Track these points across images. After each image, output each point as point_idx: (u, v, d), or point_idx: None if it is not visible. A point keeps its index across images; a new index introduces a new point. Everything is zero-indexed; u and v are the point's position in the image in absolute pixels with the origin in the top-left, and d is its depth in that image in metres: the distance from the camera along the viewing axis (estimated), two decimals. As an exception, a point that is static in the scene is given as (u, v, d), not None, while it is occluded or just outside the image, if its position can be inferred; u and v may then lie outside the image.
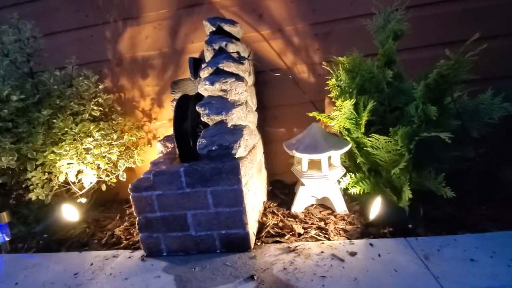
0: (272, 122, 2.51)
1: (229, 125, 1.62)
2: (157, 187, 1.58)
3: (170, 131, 2.62)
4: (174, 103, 2.31)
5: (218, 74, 1.63)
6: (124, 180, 2.26)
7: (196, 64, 2.11)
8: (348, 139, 1.96)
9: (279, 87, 2.43)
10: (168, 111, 2.63)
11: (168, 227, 1.62)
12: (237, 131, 1.59)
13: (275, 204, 2.17)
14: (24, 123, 1.81)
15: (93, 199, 2.46)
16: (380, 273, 1.28)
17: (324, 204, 2.11)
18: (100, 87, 2.29)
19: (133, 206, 1.64)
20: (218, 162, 1.51)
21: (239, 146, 1.52)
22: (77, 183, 2.16)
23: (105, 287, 1.46)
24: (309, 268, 1.37)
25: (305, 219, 1.92)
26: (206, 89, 1.63)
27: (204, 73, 1.67)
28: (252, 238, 1.60)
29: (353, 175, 1.98)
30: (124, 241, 1.96)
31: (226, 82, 1.59)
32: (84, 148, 2.00)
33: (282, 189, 2.43)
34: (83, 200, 2.15)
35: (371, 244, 1.50)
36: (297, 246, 1.57)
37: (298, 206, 2.06)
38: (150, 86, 2.63)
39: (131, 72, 2.62)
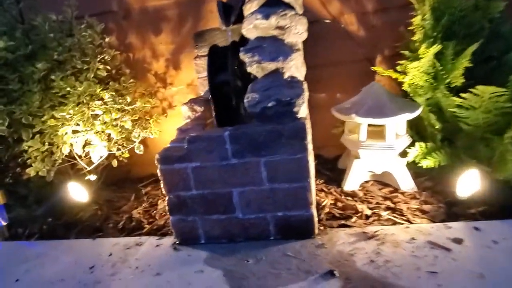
0: (313, 86, 2.11)
1: (285, 75, 1.23)
2: (193, 157, 1.21)
3: (189, 98, 2.23)
4: (198, 61, 1.90)
5: (272, 6, 1.22)
6: (141, 153, 1.89)
7: (226, 10, 1.69)
8: (420, 100, 1.58)
9: (323, 42, 2.01)
10: (186, 74, 2.21)
11: (208, 208, 1.27)
12: (296, 84, 1.21)
13: (321, 181, 1.82)
14: (15, 80, 1.41)
15: (103, 177, 2.09)
16: (509, 266, 0.95)
17: (380, 181, 1.76)
18: (107, 39, 1.87)
19: (162, 182, 1.27)
20: (276, 124, 1.13)
21: (302, 103, 1.14)
22: (84, 157, 1.79)
23: (133, 286, 1.13)
24: (405, 260, 1.03)
25: (366, 198, 1.58)
26: (256, 26, 1.22)
27: (252, 5, 1.26)
28: (315, 221, 1.26)
29: (423, 145, 1.62)
30: (146, 225, 1.62)
31: (285, 15, 1.18)
32: (91, 115, 1.61)
33: (324, 164, 2.08)
34: (92, 177, 1.78)
35: (476, 228, 1.16)
36: (376, 232, 1.23)
37: (352, 183, 1.71)
38: (164, 44, 2.19)
39: (141, 26, 2.17)
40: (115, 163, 1.93)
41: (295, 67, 1.21)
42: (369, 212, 1.43)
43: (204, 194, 1.25)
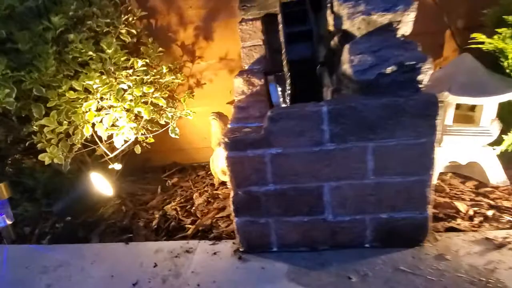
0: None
1: (399, 34, 0.92)
2: (274, 141, 0.90)
3: (224, 77, 1.90)
4: (244, 26, 1.56)
5: None
6: (177, 136, 1.56)
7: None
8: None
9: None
10: (219, 45, 1.86)
11: (287, 207, 0.98)
12: (411, 45, 0.90)
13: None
14: (24, 37, 1.05)
15: (122, 166, 1.76)
16: None
17: (457, 173, 1.50)
18: (131, -2, 1.51)
19: (229, 173, 0.97)
20: (395, 96, 0.84)
21: (428, 69, 0.84)
22: (105, 142, 1.46)
23: (201, 313, 0.84)
24: None
25: (456, 194, 1.32)
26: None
27: None
28: (429, 226, 0.98)
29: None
30: (188, 225, 1.31)
31: None
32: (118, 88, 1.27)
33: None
34: (117, 166, 1.46)
35: None
36: (506, 238, 0.96)
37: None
38: (194, 9, 1.84)
39: (167, -14, 1.81)
40: (138, 149, 1.61)
41: (411, 23, 0.91)
42: (471, 212, 1.16)
43: (284, 190, 0.95)
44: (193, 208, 1.46)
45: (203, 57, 1.91)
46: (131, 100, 1.31)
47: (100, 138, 1.41)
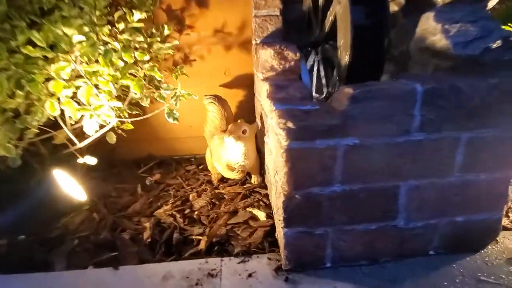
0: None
1: (488, 5, 0.77)
2: (353, 128, 0.68)
3: (218, 53, 1.58)
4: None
5: None
6: (176, 122, 1.21)
7: None
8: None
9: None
10: (215, 14, 1.54)
11: (354, 213, 0.77)
12: (496, 21, 0.77)
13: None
14: None
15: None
16: None
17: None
18: None
19: (286, 170, 0.71)
20: (502, 77, 0.69)
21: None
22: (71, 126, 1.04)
23: None
24: None
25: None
26: None
27: None
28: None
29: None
30: (196, 236, 1.01)
31: None
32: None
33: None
34: (91, 160, 1.05)
35: None
36: None
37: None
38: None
39: None
40: (112, 138, 1.22)
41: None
42: None
43: (353, 192, 0.74)
44: (195, 213, 1.15)
45: (194, 28, 1.56)
46: (116, 70, 0.94)
47: (64, 121, 1.01)
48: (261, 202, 1.18)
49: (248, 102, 1.63)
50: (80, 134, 1.13)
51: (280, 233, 0.80)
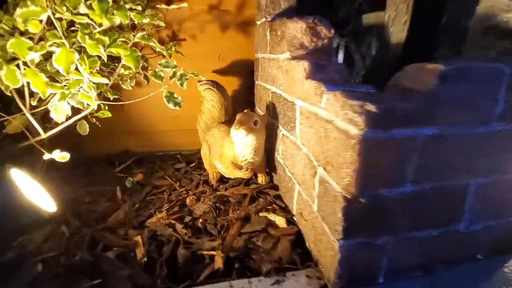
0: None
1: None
2: (433, 115, 0.55)
3: (212, 33, 1.37)
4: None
5: None
6: (178, 108, 0.96)
7: None
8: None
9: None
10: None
11: (420, 218, 0.64)
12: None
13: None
14: None
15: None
16: None
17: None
18: None
19: (354, 168, 0.55)
20: None
21: None
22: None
23: None
24: None
25: None
26: None
27: None
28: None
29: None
30: (208, 251, 0.80)
31: None
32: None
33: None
34: (63, 155, 0.77)
35: None
36: None
37: None
38: None
39: None
40: (85, 128, 0.97)
41: None
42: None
43: (423, 192, 0.61)
44: (198, 221, 0.93)
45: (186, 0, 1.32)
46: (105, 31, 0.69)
47: (24, 100, 0.73)
48: (274, 205, 1.01)
49: (245, 91, 1.44)
50: (40, 121, 0.84)
51: (327, 245, 0.64)
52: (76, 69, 0.69)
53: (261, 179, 1.14)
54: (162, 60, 0.89)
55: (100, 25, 0.63)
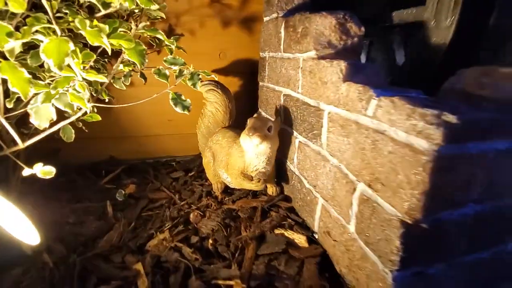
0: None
1: None
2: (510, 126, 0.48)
3: (213, 29, 1.26)
4: None
5: None
6: (187, 112, 0.82)
7: None
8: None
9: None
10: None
11: (475, 240, 0.57)
12: None
13: None
14: None
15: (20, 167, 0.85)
16: None
17: None
18: None
19: (422, 190, 0.46)
20: None
21: None
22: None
23: None
24: None
25: None
26: None
27: None
28: None
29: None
30: (221, 280, 0.68)
31: None
32: None
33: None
34: (47, 171, 0.62)
35: None
36: None
37: None
38: None
39: None
40: (70, 134, 0.82)
41: None
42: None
43: (485, 214, 0.54)
44: (208, 241, 0.81)
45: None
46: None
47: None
48: (289, 220, 0.91)
49: (247, 93, 1.34)
50: (14, 126, 0.68)
51: (373, 275, 0.55)
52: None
53: (271, 189, 1.03)
54: (168, 56, 0.75)
55: (106, 5, 0.49)
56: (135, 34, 0.68)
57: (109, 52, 0.53)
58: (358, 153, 0.60)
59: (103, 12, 0.54)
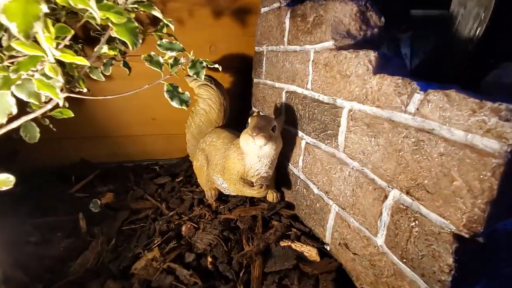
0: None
1: None
2: None
3: (204, 20, 1.15)
4: None
5: None
6: (185, 107, 0.69)
7: None
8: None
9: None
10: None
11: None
12: None
13: None
14: None
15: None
16: None
17: None
18: None
19: (488, 198, 0.39)
20: None
21: None
22: None
23: None
24: None
25: None
26: None
27: None
28: None
29: None
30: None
31: None
32: None
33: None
34: (4, 178, 0.46)
35: None
36: None
37: None
38: None
39: None
40: (34, 133, 0.67)
41: None
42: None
43: (531, 222, 0.49)
44: (206, 259, 0.69)
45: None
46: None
47: None
48: (294, 230, 0.82)
49: (241, 90, 1.23)
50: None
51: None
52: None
53: (272, 196, 0.93)
54: (163, 40, 0.63)
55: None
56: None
57: (98, 20, 0.40)
58: (392, 155, 0.52)
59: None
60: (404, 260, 0.51)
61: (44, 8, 0.34)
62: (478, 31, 0.59)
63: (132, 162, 1.17)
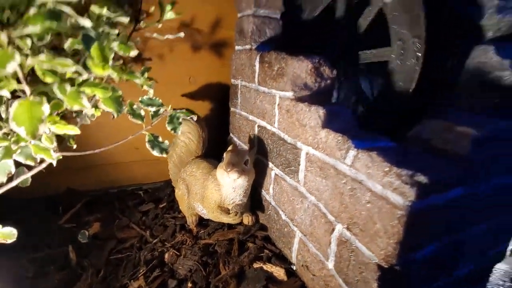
0: None
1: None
2: (471, 177, 0.56)
3: (183, 54, 1.25)
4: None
5: None
6: (165, 155, 0.79)
7: None
8: None
9: None
10: (184, 2, 1.19)
11: (434, 272, 0.65)
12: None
13: None
14: None
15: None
16: None
17: None
18: None
19: (398, 239, 0.51)
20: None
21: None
22: None
23: None
24: None
25: None
26: None
27: None
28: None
29: None
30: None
31: None
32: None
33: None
34: (7, 231, 0.55)
35: None
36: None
37: None
38: None
39: None
40: (26, 180, 0.75)
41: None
42: None
43: (438, 250, 0.62)
44: (186, 285, 0.80)
45: (152, 16, 1.17)
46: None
47: None
48: (266, 251, 0.94)
49: (218, 118, 1.34)
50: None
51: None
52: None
53: (247, 219, 1.04)
54: (144, 96, 0.73)
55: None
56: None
57: (89, 114, 0.50)
58: (337, 196, 0.65)
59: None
60: (346, 283, 0.63)
61: (46, 110, 0.44)
62: (412, 77, 0.72)
63: (116, 188, 1.25)
